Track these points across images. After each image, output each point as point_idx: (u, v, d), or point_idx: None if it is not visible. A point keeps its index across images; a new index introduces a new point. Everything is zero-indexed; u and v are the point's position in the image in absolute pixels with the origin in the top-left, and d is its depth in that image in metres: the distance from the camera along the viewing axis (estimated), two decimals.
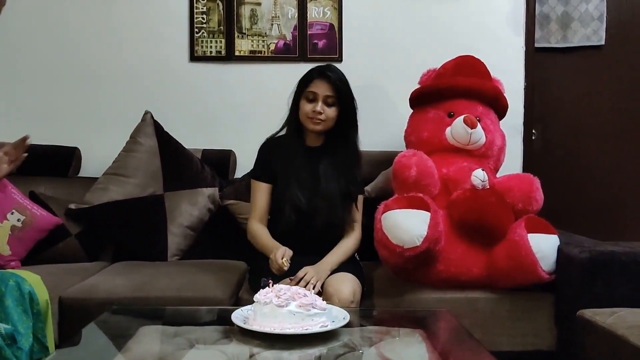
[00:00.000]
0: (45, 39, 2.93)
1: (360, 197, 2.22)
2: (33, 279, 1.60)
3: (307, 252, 2.03)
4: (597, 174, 3.31)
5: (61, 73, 2.93)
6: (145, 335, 1.56)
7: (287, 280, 1.90)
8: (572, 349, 1.99)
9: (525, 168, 2.93)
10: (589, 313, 1.88)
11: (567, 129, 3.33)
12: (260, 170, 2.20)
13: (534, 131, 3.03)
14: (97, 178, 2.66)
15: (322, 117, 2.10)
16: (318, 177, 2.13)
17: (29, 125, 2.87)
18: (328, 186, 2.11)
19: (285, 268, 1.88)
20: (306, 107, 2.11)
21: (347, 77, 2.16)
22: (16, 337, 1.43)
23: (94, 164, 2.83)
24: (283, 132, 2.21)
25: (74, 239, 2.53)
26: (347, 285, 1.92)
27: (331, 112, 2.11)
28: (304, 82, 2.14)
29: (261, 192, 2.17)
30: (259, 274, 2.00)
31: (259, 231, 2.12)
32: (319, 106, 2.09)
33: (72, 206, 2.55)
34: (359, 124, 2.19)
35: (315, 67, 2.18)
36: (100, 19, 2.92)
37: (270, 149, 2.20)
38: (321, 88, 2.10)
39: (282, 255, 1.91)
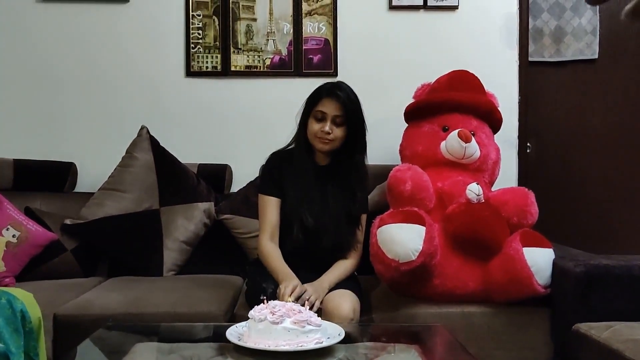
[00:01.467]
0: (41, 54, 2.94)
1: (364, 216, 2.19)
2: (25, 297, 1.59)
3: (313, 271, 2.02)
4: (591, 186, 3.32)
5: (57, 88, 2.94)
6: (139, 352, 1.55)
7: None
8: None
9: (520, 181, 2.94)
10: (584, 327, 1.88)
11: (562, 142, 3.34)
12: (269, 184, 2.14)
13: (528, 144, 3.05)
14: (93, 193, 2.66)
15: (330, 137, 2.07)
16: (326, 197, 2.11)
17: (24, 140, 2.90)
18: (336, 207, 2.10)
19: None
20: (314, 126, 2.08)
21: None
22: (8, 356, 1.42)
23: (89, 179, 2.83)
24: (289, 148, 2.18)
25: (70, 254, 2.52)
26: (347, 302, 1.91)
27: (340, 132, 2.08)
28: (313, 101, 2.10)
29: (271, 206, 2.11)
30: (258, 287, 1.99)
31: (271, 252, 2.06)
32: (328, 126, 2.06)
33: (68, 221, 2.54)
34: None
35: (324, 85, 2.13)
36: (97, 35, 2.93)
37: (278, 163, 2.16)
38: (330, 107, 2.06)
39: (290, 291, 1.84)
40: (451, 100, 2.47)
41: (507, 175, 2.84)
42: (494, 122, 2.57)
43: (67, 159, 2.83)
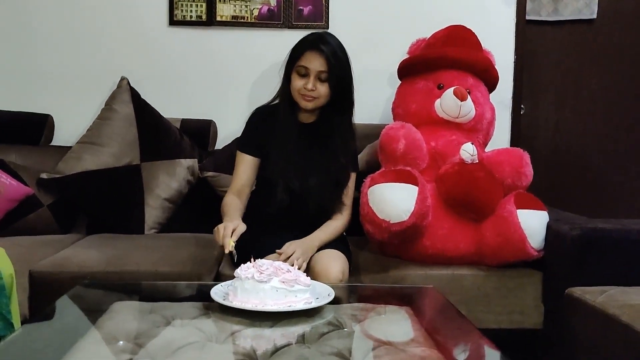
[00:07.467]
0: (15, 2, 2.77)
1: (353, 175, 2.10)
2: None
3: (299, 232, 1.94)
4: (585, 150, 3.28)
5: (33, 37, 2.79)
6: (118, 312, 1.48)
7: (274, 255, 1.81)
8: (559, 328, 1.96)
9: (513, 143, 2.89)
10: (578, 291, 1.85)
11: (556, 104, 3.29)
12: (248, 141, 2.06)
13: (522, 106, 2.97)
14: (71, 147, 2.57)
15: (314, 94, 1.95)
16: (311, 158, 2.01)
17: None
18: (321, 169, 2.00)
19: (227, 250, 1.72)
20: (297, 82, 1.95)
21: None
22: None
23: (67, 132, 2.72)
24: (274, 102, 2.08)
25: (46, 209, 2.43)
26: (336, 264, 1.84)
27: (324, 88, 1.95)
28: (296, 54, 1.96)
29: (245, 165, 2.04)
30: (245, 246, 1.91)
31: (230, 202, 1.98)
32: (311, 83, 1.93)
33: (44, 176, 2.45)
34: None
35: (308, 37, 1.99)
36: None
37: (261, 120, 2.05)
38: (314, 63, 1.93)
39: (231, 230, 1.75)
40: (447, 57, 2.38)
41: (500, 137, 2.77)
42: (490, 80, 2.49)
43: (43, 110, 2.72)
